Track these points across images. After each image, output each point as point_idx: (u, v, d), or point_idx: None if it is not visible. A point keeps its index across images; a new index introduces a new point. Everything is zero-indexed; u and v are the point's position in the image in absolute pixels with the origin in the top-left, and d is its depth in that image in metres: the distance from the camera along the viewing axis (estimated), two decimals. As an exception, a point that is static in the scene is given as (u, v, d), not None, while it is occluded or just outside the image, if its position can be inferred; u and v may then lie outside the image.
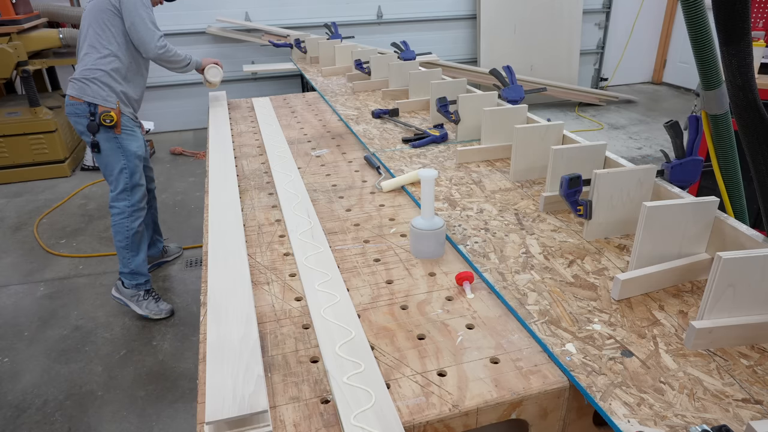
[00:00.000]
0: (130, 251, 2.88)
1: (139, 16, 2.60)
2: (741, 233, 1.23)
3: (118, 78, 2.71)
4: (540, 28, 6.59)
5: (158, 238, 3.46)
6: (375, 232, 1.56)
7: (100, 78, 2.66)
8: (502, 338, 1.10)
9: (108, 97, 2.69)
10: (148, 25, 2.63)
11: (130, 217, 2.83)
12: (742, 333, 1.04)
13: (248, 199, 1.81)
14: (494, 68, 2.40)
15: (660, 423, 0.88)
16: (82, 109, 2.66)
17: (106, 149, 2.74)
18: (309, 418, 0.92)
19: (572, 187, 1.41)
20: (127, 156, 2.76)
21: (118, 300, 2.99)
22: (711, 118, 1.56)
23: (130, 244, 2.86)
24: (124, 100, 2.76)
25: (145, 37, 2.64)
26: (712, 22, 1.22)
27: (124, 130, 2.76)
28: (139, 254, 2.92)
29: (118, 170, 2.76)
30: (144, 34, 2.64)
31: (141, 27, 2.62)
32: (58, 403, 2.41)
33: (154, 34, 2.67)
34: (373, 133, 2.44)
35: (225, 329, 1.11)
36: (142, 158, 2.88)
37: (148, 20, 2.64)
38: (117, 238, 2.86)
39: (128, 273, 2.91)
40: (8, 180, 4.93)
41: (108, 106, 2.68)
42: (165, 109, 6.07)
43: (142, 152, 2.85)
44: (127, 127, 2.77)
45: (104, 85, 2.68)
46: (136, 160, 2.79)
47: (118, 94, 2.71)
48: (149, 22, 2.64)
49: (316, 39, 4.44)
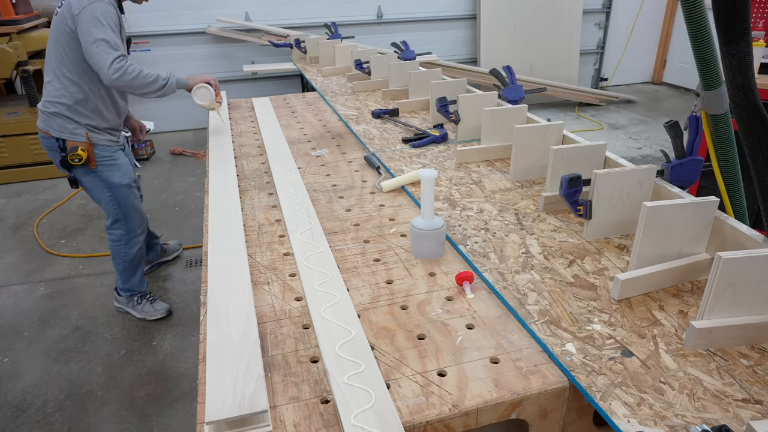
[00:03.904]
0: (127, 272, 2.81)
1: (90, 36, 2.16)
2: (741, 233, 1.23)
3: (84, 110, 2.39)
4: (540, 28, 6.59)
5: (155, 241, 3.36)
6: (375, 232, 1.56)
7: (62, 112, 2.36)
8: (502, 338, 1.10)
9: (75, 130, 2.39)
10: (100, 45, 2.17)
11: (128, 244, 2.70)
12: (742, 333, 1.04)
13: (248, 199, 1.81)
14: (494, 68, 2.40)
15: (660, 423, 0.88)
16: (52, 143, 2.42)
17: (87, 183, 2.52)
18: (309, 418, 0.92)
19: (572, 187, 1.41)
20: (111, 188, 2.52)
21: (120, 309, 2.99)
22: (711, 118, 1.55)
23: (128, 268, 2.78)
24: (96, 130, 2.45)
25: (97, 61, 2.19)
26: (712, 22, 1.22)
27: (102, 162, 2.47)
28: (136, 274, 2.85)
29: (105, 202, 2.57)
30: (96, 57, 2.19)
31: (92, 49, 2.17)
32: (58, 403, 2.41)
33: (108, 56, 2.17)
34: (373, 133, 2.44)
35: (225, 329, 1.11)
36: (130, 184, 2.60)
37: (100, 39, 2.18)
38: (115, 261, 2.78)
39: (124, 289, 2.89)
40: (8, 180, 4.93)
41: (76, 140, 2.39)
42: (165, 110, 6.06)
43: (128, 179, 2.57)
44: (104, 158, 2.48)
45: (68, 120, 2.37)
46: (122, 189, 2.55)
47: (86, 127, 2.41)
48: (102, 41, 2.18)
49: (316, 39, 4.44)
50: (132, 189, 2.61)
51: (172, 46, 5.89)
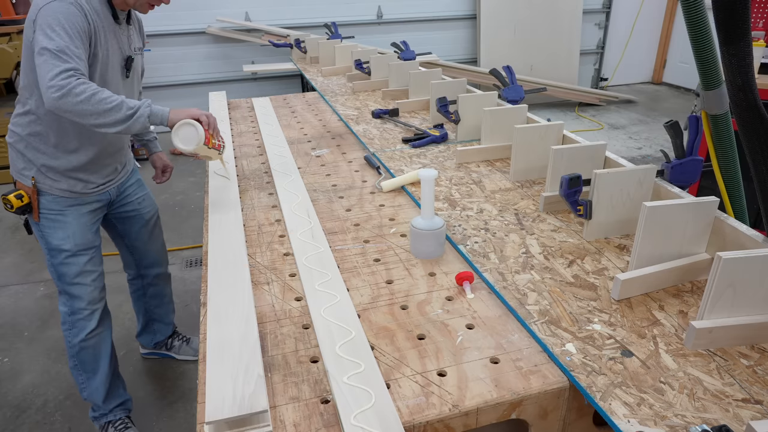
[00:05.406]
0: (79, 372, 2.05)
1: (36, 45, 1.55)
2: (741, 233, 1.23)
3: (41, 145, 1.80)
4: (540, 28, 6.59)
5: (156, 327, 2.56)
6: (375, 232, 1.56)
7: (15, 144, 1.83)
8: (502, 338, 1.10)
9: (24, 170, 1.83)
10: (42, 56, 1.53)
11: (72, 329, 1.99)
12: (742, 333, 1.04)
13: (248, 199, 1.81)
14: (494, 68, 2.40)
15: (660, 423, 0.88)
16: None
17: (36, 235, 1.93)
18: (309, 418, 0.92)
19: (572, 187, 1.41)
20: (49, 250, 1.90)
21: None
22: (711, 118, 1.55)
23: (79, 364, 2.03)
24: (54, 173, 1.83)
25: (39, 77, 1.56)
26: (712, 22, 1.22)
27: (46, 216, 1.87)
28: (95, 377, 2.06)
29: (48, 268, 1.95)
30: (38, 72, 1.56)
31: (36, 62, 1.55)
32: (58, 403, 2.41)
33: (50, 69, 1.52)
34: (373, 133, 2.44)
35: (225, 329, 1.11)
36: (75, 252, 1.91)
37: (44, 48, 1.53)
38: (68, 356, 2.05)
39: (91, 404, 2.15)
40: (8, 180, 4.92)
41: (22, 182, 1.84)
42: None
43: (70, 245, 1.89)
44: (50, 212, 1.87)
45: (19, 154, 1.83)
46: (61, 256, 1.89)
47: (39, 168, 1.81)
48: (45, 51, 1.53)
49: (316, 39, 4.43)
50: (79, 258, 1.92)
51: (172, 46, 5.90)
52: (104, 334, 2.06)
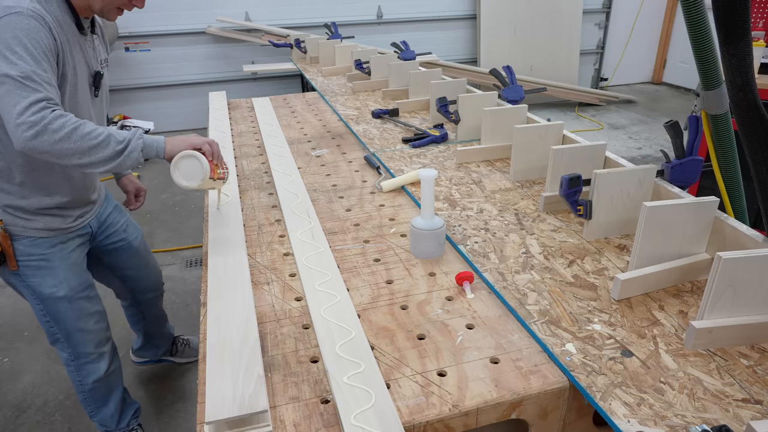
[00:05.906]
0: (90, 403, 1.95)
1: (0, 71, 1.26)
2: (741, 233, 1.23)
3: (3, 184, 1.53)
4: (540, 28, 6.59)
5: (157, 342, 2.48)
6: (375, 232, 1.56)
7: None
8: (502, 338, 1.10)
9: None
10: (4, 85, 1.25)
11: (80, 371, 1.84)
12: (742, 333, 1.04)
13: (248, 199, 1.81)
14: (494, 68, 2.40)
15: (660, 423, 0.88)
16: None
17: (15, 287, 1.70)
18: (309, 418, 0.92)
19: (572, 187, 1.41)
20: (41, 300, 1.68)
21: None
22: (711, 118, 1.56)
23: (89, 398, 1.92)
24: (22, 213, 1.56)
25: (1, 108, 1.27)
26: (712, 22, 1.22)
27: (26, 264, 1.61)
28: (107, 405, 1.97)
29: (37, 316, 1.73)
30: (1, 102, 1.26)
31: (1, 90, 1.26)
32: (58, 403, 2.41)
33: (19, 100, 1.25)
34: (373, 133, 2.44)
35: (225, 329, 1.11)
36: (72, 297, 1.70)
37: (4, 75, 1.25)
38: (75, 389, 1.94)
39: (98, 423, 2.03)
40: None
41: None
42: (165, 109, 6.06)
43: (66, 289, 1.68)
44: (30, 258, 1.61)
45: None
46: (57, 303, 1.68)
47: (3, 209, 1.54)
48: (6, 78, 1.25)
49: (316, 39, 4.44)
50: (77, 302, 1.72)
51: (172, 46, 5.89)
52: (116, 372, 1.95)
